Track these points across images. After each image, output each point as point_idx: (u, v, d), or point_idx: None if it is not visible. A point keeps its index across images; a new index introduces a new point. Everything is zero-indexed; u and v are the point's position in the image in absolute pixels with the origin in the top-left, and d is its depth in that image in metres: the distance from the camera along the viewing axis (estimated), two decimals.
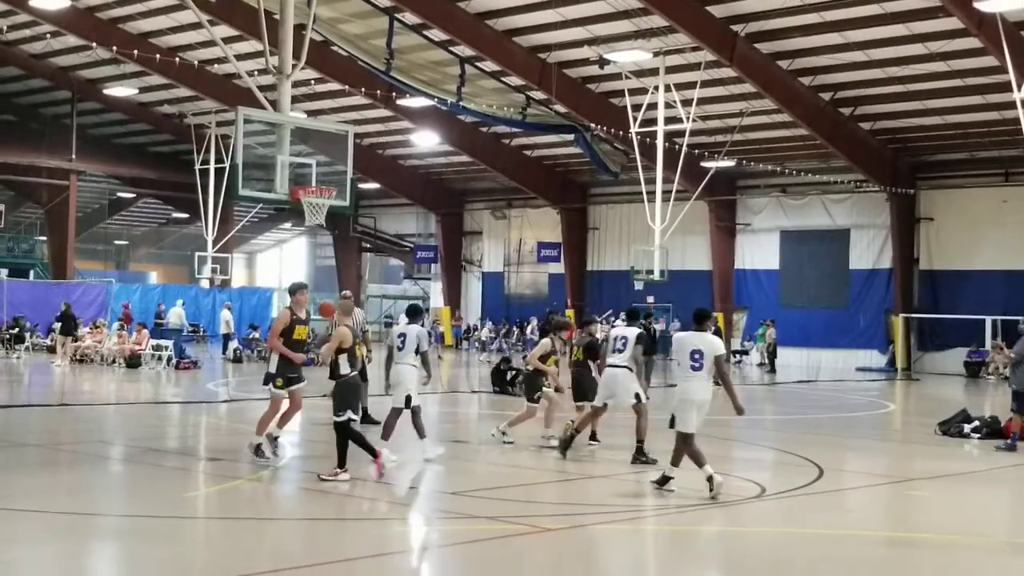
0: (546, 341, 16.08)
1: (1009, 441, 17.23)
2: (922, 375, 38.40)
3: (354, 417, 12.74)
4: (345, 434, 12.30)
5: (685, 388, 12.07)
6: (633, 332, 14.84)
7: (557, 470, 14.30)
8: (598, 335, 17.65)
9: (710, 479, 11.60)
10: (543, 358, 15.80)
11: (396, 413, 13.78)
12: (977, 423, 19.30)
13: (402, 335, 13.99)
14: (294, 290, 14.49)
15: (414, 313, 14.69)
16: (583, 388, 15.82)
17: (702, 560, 9.84)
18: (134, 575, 8.66)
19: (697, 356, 11.91)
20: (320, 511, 11.36)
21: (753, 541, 10.48)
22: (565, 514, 11.05)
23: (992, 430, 18.99)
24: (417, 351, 13.86)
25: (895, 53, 32.60)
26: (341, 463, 12.20)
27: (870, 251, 41.89)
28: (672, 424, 12.02)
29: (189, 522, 10.67)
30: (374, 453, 12.38)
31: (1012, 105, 28.81)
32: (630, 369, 14.54)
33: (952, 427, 19.42)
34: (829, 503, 12.73)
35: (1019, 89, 27.95)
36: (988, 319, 38.88)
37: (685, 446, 11.97)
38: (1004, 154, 35.68)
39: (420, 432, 13.95)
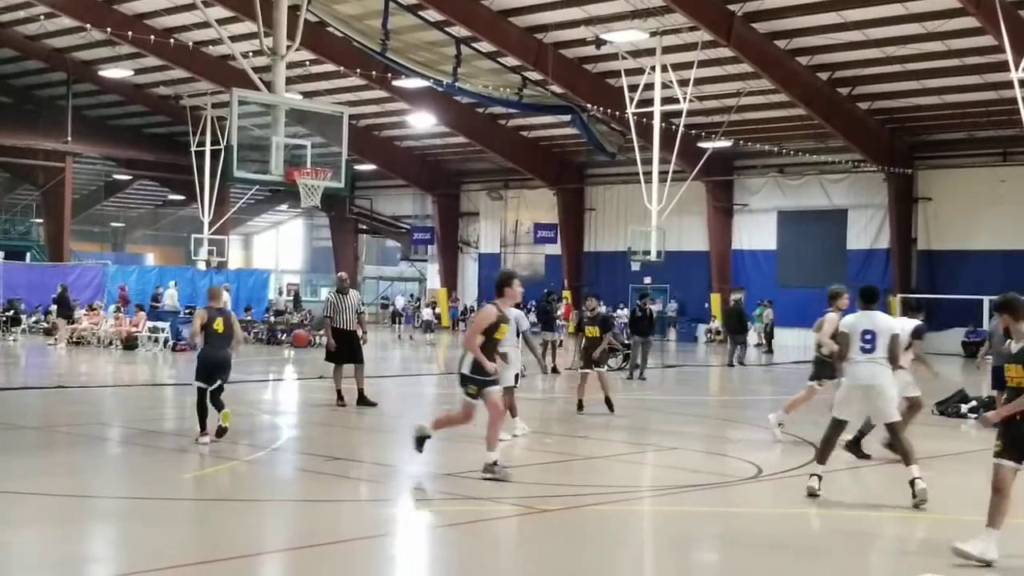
0: (489, 309, 12.12)
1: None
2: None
3: (203, 386, 13.57)
4: (198, 400, 13.55)
5: (853, 373, 11.44)
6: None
7: (554, 451, 14.32)
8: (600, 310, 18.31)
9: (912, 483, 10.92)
10: (488, 331, 11.80)
11: (509, 391, 14.07)
12: (975, 403, 19.34)
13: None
14: (505, 281, 12.08)
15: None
16: (591, 356, 17.20)
17: (697, 540, 9.85)
18: (131, 557, 8.66)
19: (868, 337, 11.32)
20: (317, 493, 11.37)
21: (748, 521, 10.50)
22: (563, 495, 11.05)
23: (989, 410, 19.03)
24: (518, 333, 14.42)
25: (893, 33, 32.54)
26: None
27: (868, 231, 41.91)
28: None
29: (186, 503, 10.68)
30: (203, 427, 13.44)
31: (1010, 85, 28.81)
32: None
33: (949, 407, 19.48)
34: (825, 482, 12.75)
35: (1017, 69, 27.94)
36: (986, 299, 38.82)
37: (833, 433, 11.62)
38: (1002, 134, 35.66)
39: (512, 411, 14.36)
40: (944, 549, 9.01)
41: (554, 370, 25.92)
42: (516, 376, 14.43)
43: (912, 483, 10.85)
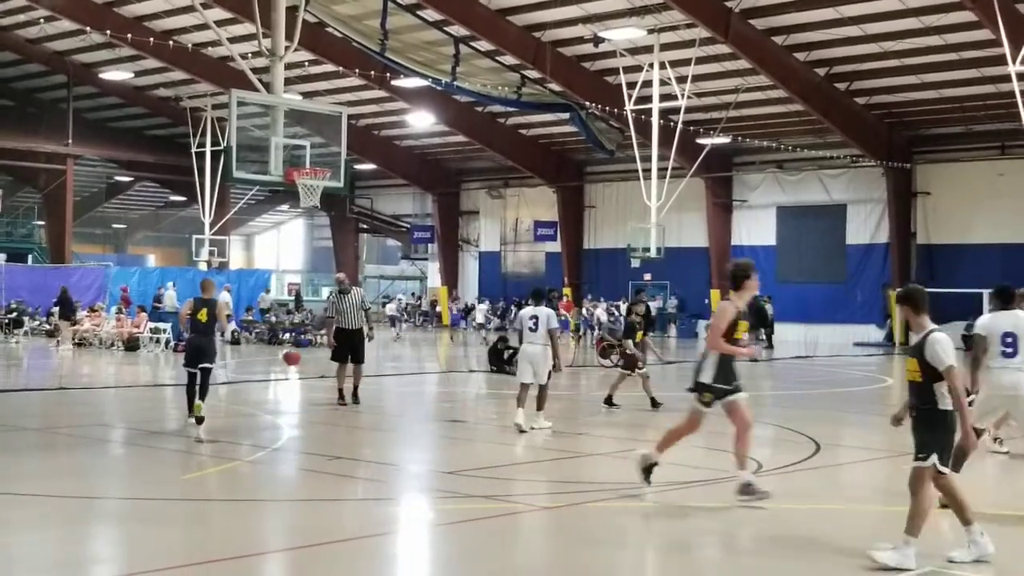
0: (726, 306, 10.88)
1: None
2: None
3: (190, 371, 14.59)
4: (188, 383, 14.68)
5: (995, 381, 10.70)
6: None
7: (555, 448, 14.33)
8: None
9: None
10: (728, 331, 10.91)
11: (524, 388, 14.80)
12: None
13: (534, 317, 14.79)
14: (744, 273, 10.64)
15: (540, 296, 15.16)
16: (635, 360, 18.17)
17: (698, 536, 9.85)
18: (133, 557, 8.66)
19: (1010, 341, 10.55)
20: (319, 492, 11.37)
21: (747, 516, 10.49)
22: (565, 492, 11.07)
23: None
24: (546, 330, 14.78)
25: (890, 27, 32.53)
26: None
27: (867, 226, 41.90)
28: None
29: (188, 504, 10.68)
30: (190, 410, 14.53)
31: (1007, 79, 28.79)
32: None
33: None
34: (825, 477, 12.75)
35: (1014, 62, 27.90)
36: (985, 292, 38.78)
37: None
38: (1000, 127, 35.62)
39: (539, 404, 14.97)
40: (933, 539, 9.00)
41: (555, 367, 25.89)
42: (548, 373, 14.90)
43: None
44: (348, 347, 18.17)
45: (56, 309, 34.70)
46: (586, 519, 10.07)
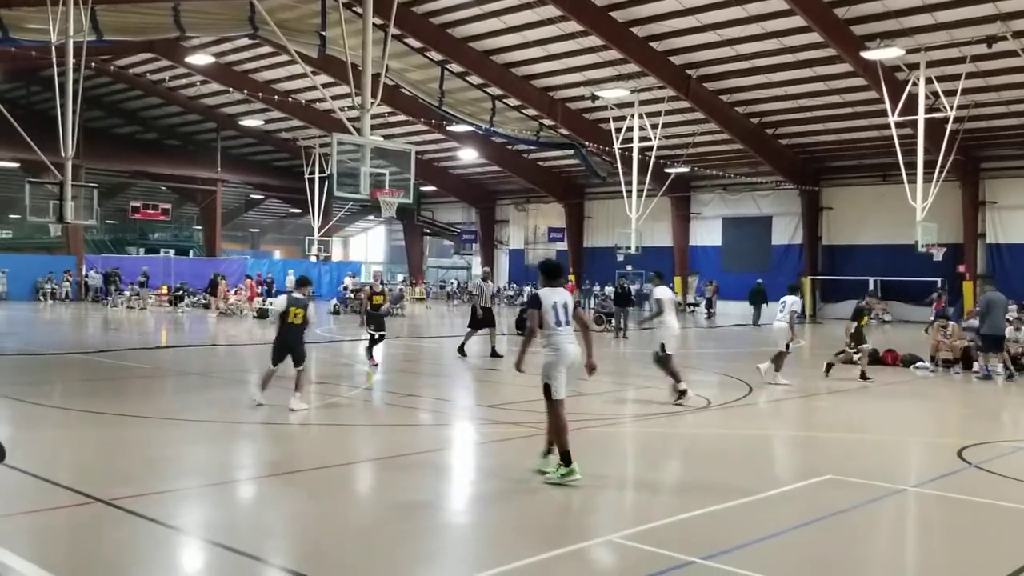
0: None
1: (986, 371, 16.55)
2: (824, 320, 38.21)
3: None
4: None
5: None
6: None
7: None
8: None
9: None
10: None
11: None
12: (862, 353, 19.16)
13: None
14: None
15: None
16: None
17: (664, 452, 9.85)
18: (262, 465, 8.73)
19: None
20: (396, 419, 11.41)
21: (700, 439, 10.48)
22: (569, 421, 11.06)
23: (874, 358, 18.89)
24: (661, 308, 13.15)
25: (805, 89, 32.27)
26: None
27: (787, 232, 41.60)
28: None
29: (305, 427, 10.73)
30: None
31: (888, 127, 28.50)
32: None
33: (843, 356, 19.31)
34: (756, 411, 12.73)
35: (893, 115, 27.65)
36: (871, 279, 38.60)
37: None
38: (882, 161, 35.20)
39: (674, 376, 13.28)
40: (836, 454, 8.93)
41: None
42: (663, 345, 12.99)
43: None
44: (485, 318, 18.74)
45: (209, 289, 35.05)
46: (584, 440, 10.07)
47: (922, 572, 5.91)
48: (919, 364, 18.08)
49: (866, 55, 26.84)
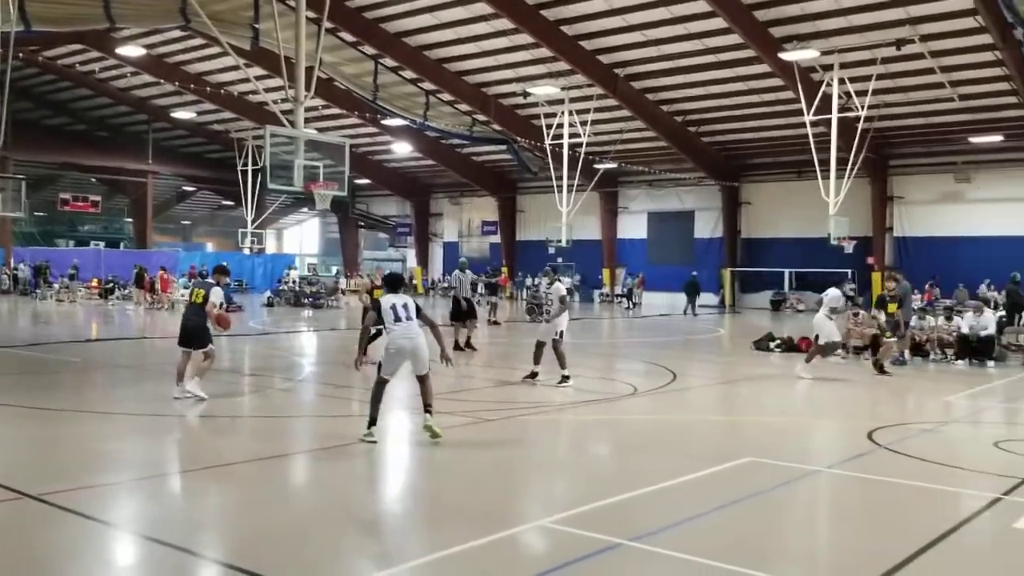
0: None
1: (900, 358, 16.86)
2: (742, 309, 38.99)
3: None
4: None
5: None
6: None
7: (494, 379, 14.32)
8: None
9: None
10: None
11: (540, 345, 13.46)
12: (779, 341, 19.67)
13: (548, 292, 13.97)
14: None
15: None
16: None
17: (592, 438, 9.92)
18: (196, 457, 8.53)
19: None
20: (330, 410, 11.27)
21: (627, 424, 10.58)
22: (499, 409, 11.06)
23: (789, 346, 19.35)
24: (562, 302, 13.47)
25: (726, 89, 32.79)
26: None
27: (708, 225, 42.29)
28: None
29: (238, 419, 10.54)
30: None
31: (803, 126, 29.18)
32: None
33: (762, 344, 19.78)
34: (680, 397, 12.91)
35: (808, 114, 28.31)
36: (786, 271, 39.64)
37: None
38: (798, 158, 35.98)
39: (560, 361, 13.19)
40: (754, 437, 9.09)
41: (495, 322, 25.89)
42: (561, 332, 13.30)
43: None
44: (466, 309, 18.04)
45: (133, 282, 34.18)
46: (515, 427, 10.09)
47: (836, 549, 6.06)
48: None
49: (783, 56, 27.41)
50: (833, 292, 15.30)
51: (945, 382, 14.72)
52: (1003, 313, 20.42)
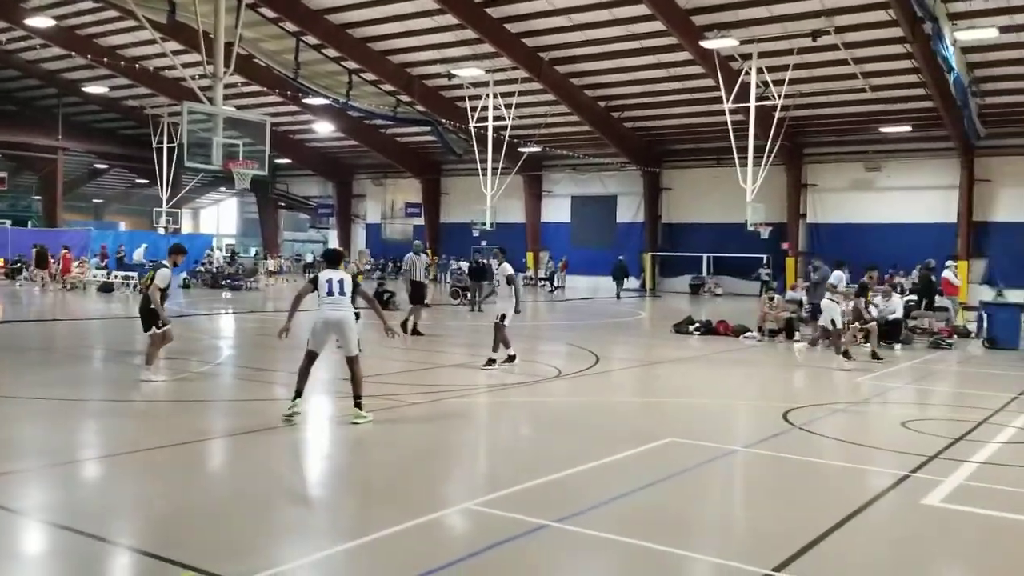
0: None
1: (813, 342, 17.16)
2: (662, 293, 39.62)
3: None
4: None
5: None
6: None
7: (417, 361, 14.23)
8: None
9: None
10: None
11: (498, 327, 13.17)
12: (698, 324, 20.02)
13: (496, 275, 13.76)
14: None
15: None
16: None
17: (524, 420, 9.94)
18: (109, 444, 8.24)
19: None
20: (248, 394, 11.02)
21: (555, 407, 10.64)
22: (424, 392, 11.00)
23: (708, 329, 19.73)
24: (509, 281, 13.44)
25: (649, 76, 33.13)
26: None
27: (630, 210, 42.79)
28: None
29: (152, 404, 10.22)
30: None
31: (723, 113, 29.70)
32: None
33: (681, 327, 20.11)
34: (603, 380, 13.04)
35: (727, 102, 28.82)
36: (704, 255, 40.41)
37: None
38: (717, 146, 36.66)
39: (506, 343, 13.23)
40: (675, 417, 9.24)
41: (425, 305, 25.68)
42: (503, 316, 13.21)
43: None
44: (419, 292, 17.69)
45: (33, 262, 32.98)
46: (439, 411, 10.04)
47: (754, 526, 6.20)
48: (748, 334, 19.01)
49: (704, 44, 27.80)
50: (839, 273, 14.75)
51: (855, 364, 15.22)
52: (912, 297, 21.18)
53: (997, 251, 33.85)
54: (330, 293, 8.98)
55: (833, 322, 14.53)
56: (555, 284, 40.69)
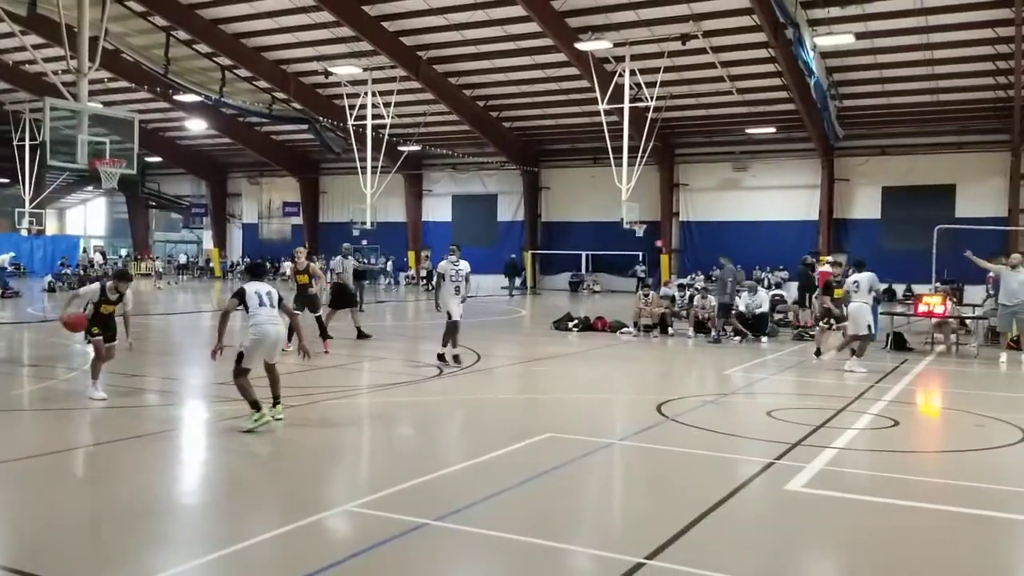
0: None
1: (714, 335, 17.78)
2: (542, 291, 40.15)
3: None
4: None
5: None
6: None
7: (299, 363, 13.96)
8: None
9: None
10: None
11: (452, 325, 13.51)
12: (576, 321, 20.40)
13: (457, 270, 13.72)
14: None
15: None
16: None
17: (404, 420, 9.90)
18: None
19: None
20: (118, 401, 10.55)
21: (436, 406, 10.64)
22: (304, 394, 10.81)
23: (586, 325, 20.13)
24: (467, 279, 13.90)
25: (526, 76, 33.52)
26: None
27: (511, 209, 43.18)
28: None
29: (17, 413, 9.67)
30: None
31: (598, 114, 30.36)
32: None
33: (560, 324, 20.45)
34: (484, 377, 13.12)
35: (602, 103, 29.47)
36: (583, 253, 41.21)
37: None
38: (593, 146, 37.46)
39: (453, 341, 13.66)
40: (555, 411, 9.40)
41: (360, 309, 25.14)
42: (448, 313, 13.59)
43: None
44: (346, 296, 17.18)
45: None
46: (320, 412, 9.90)
47: (628, 516, 6.40)
48: (624, 330, 19.50)
49: (579, 46, 28.34)
50: (871, 274, 14.02)
51: (724, 356, 15.84)
52: (779, 292, 22.17)
53: (856, 247, 35.91)
54: (262, 305, 8.86)
55: (870, 327, 13.81)
56: (431, 283, 40.64)
